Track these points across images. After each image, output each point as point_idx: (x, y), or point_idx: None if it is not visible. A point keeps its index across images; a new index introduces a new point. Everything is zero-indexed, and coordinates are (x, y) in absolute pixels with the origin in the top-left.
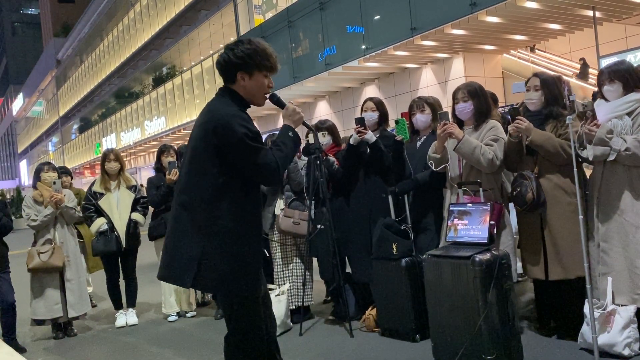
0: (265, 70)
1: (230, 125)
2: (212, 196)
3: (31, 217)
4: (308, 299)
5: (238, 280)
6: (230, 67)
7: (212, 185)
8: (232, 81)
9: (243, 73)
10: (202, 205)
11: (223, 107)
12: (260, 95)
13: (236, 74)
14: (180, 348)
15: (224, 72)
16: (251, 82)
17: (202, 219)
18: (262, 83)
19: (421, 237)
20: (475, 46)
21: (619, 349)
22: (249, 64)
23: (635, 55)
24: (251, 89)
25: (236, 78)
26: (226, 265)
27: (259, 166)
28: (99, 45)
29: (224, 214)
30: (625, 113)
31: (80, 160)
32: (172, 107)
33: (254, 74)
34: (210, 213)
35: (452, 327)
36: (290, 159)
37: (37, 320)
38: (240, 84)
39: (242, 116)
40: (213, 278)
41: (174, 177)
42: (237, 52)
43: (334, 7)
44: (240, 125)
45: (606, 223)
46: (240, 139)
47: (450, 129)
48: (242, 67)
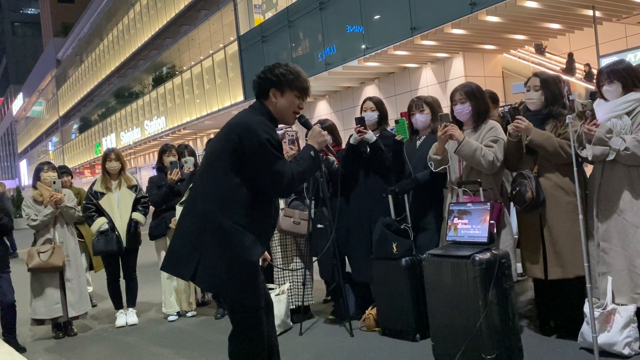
0: (297, 90)
1: (254, 129)
2: (226, 197)
3: (31, 216)
4: (308, 299)
5: (233, 285)
6: (265, 84)
7: (228, 186)
8: (264, 97)
9: (275, 90)
10: (214, 205)
11: (250, 116)
12: (290, 114)
13: (269, 90)
14: (181, 348)
15: (259, 88)
16: (282, 100)
17: (210, 218)
18: (292, 102)
19: (421, 237)
20: (475, 46)
21: (619, 348)
22: (282, 82)
23: (635, 54)
24: (281, 107)
25: (269, 95)
26: (223, 267)
27: (275, 174)
28: (99, 45)
29: (231, 215)
30: (624, 112)
31: (80, 160)
32: (172, 107)
33: (286, 92)
34: (220, 213)
35: (452, 326)
36: (308, 176)
37: (37, 319)
38: (272, 100)
39: (267, 124)
40: (210, 276)
41: (176, 176)
42: (274, 72)
43: (334, 6)
44: (264, 132)
45: (606, 222)
46: (262, 143)
47: (451, 131)
48: (276, 84)
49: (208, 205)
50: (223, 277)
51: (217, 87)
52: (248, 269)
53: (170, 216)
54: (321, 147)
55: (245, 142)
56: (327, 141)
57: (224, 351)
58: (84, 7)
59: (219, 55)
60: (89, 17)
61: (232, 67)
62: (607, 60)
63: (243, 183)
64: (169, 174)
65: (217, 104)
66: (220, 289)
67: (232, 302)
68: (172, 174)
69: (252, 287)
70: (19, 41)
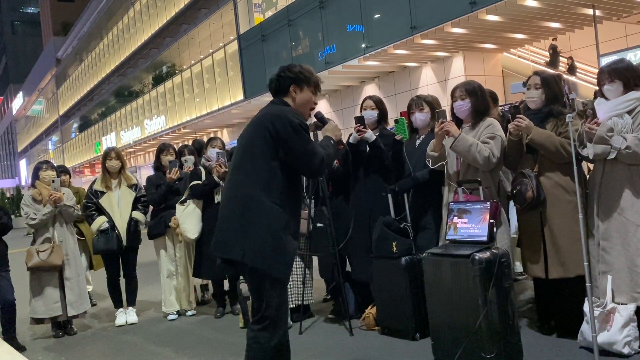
0: (312, 87)
1: (286, 117)
2: (265, 179)
3: (30, 215)
4: (308, 298)
5: (277, 260)
6: (285, 81)
7: (263, 168)
8: (284, 94)
9: (295, 86)
10: (255, 186)
11: (278, 107)
12: (307, 109)
13: (289, 86)
14: (180, 346)
15: (279, 85)
16: (301, 95)
17: (254, 198)
18: (309, 98)
19: (421, 236)
20: (475, 45)
21: (619, 348)
22: (301, 79)
23: (635, 53)
24: (300, 102)
25: (289, 90)
26: (269, 242)
27: (307, 153)
28: (99, 44)
29: (271, 194)
30: (625, 111)
31: (80, 159)
32: (172, 106)
33: (304, 88)
34: (261, 193)
35: (451, 325)
36: (332, 161)
37: (36, 318)
38: (292, 96)
39: (295, 112)
40: (258, 254)
41: (175, 176)
42: (292, 70)
43: (334, 5)
44: (295, 117)
45: (606, 221)
46: (295, 127)
47: (447, 127)
48: (296, 81)
49: (249, 190)
50: (269, 253)
51: (217, 86)
52: (288, 245)
53: (169, 215)
54: (337, 139)
55: (279, 128)
56: (341, 135)
57: (224, 350)
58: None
59: (218, 54)
60: (89, 16)
61: (232, 66)
62: (608, 59)
63: (278, 167)
64: (168, 173)
65: (217, 103)
66: (262, 264)
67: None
68: (171, 173)
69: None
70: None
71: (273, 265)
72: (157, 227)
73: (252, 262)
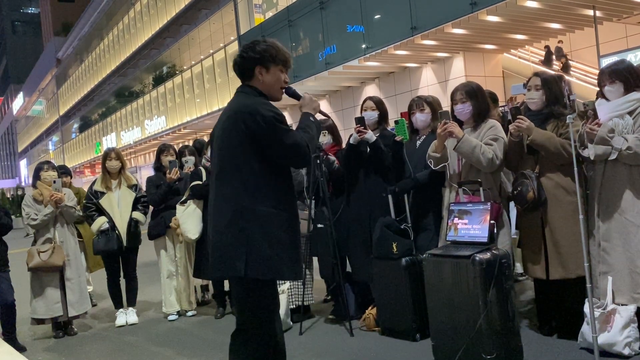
0: (281, 64)
1: (258, 111)
2: (250, 184)
3: (31, 216)
4: (308, 298)
5: (283, 264)
6: (249, 63)
7: (248, 173)
8: (250, 77)
9: (261, 67)
10: (242, 194)
11: (246, 99)
12: (277, 89)
13: (254, 68)
14: (181, 347)
15: (243, 68)
16: (269, 76)
17: (243, 207)
18: (278, 77)
19: (421, 237)
20: (476, 45)
21: (619, 349)
22: (266, 57)
23: (635, 54)
24: (269, 83)
25: (254, 73)
26: (271, 250)
27: (290, 147)
28: (99, 45)
29: (264, 200)
30: (626, 112)
31: (80, 159)
32: (172, 107)
33: (271, 68)
34: (250, 200)
35: (452, 326)
36: (315, 142)
37: (37, 319)
38: (259, 79)
39: (267, 102)
40: (260, 264)
41: (175, 176)
42: (255, 49)
43: (334, 6)
44: (267, 110)
45: (607, 222)
46: (270, 122)
47: (451, 128)
48: (260, 61)
49: (240, 201)
50: (272, 259)
51: (217, 86)
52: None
53: (169, 215)
54: (316, 112)
55: (254, 127)
56: (320, 105)
57: (224, 350)
58: (84, 6)
59: (219, 54)
60: (89, 16)
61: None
62: (608, 60)
63: (265, 168)
64: (168, 173)
65: (218, 103)
66: (269, 272)
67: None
68: (171, 173)
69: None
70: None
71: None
72: (157, 227)
73: (258, 272)
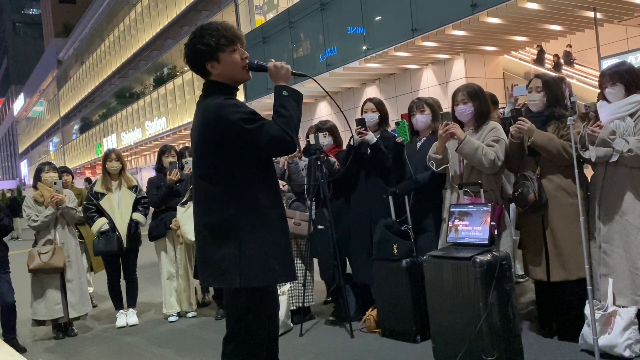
0: (229, 46)
1: (223, 116)
2: (231, 191)
3: (32, 217)
4: (309, 300)
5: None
6: (197, 62)
7: (227, 180)
8: (207, 74)
9: (211, 61)
10: (224, 202)
11: (210, 103)
12: (239, 72)
13: (205, 65)
14: (181, 348)
15: (195, 69)
16: (222, 66)
17: (227, 216)
18: (233, 60)
19: (422, 238)
20: (476, 47)
21: (620, 351)
22: (213, 48)
23: (636, 56)
24: (227, 72)
25: (207, 69)
26: (261, 256)
27: (267, 144)
28: (100, 46)
29: (247, 205)
30: (627, 114)
31: (81, 160)
32: (173, 108)
33: (220, 56)
34: (233, 208)
35: (452, 328)
36: (297, 117)
37: (37, 320)
38: (215, 73)
39: (230, 103)
40: (254, 271)
41: (175, 177)
42: (200, 43)
43: (335, 8)
44: (233, 113)
45: (608, 224)
46: (238, 127)
47: (452, 130)
48: (207, 55)
49: (225, 209)
50: (267, 265)
51: None
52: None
53: (169, 217)
54: (288, 79)
55: (223, 133)
56: (290, 69)
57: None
58: (85, 8)
59: None
60: (90, 17)
61: None
62: (608, 62)
63: (242, 170)
64: (168, 175)
65: None
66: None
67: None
68: (171, 175)
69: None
70: (20, 41)
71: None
72: (158, 228)
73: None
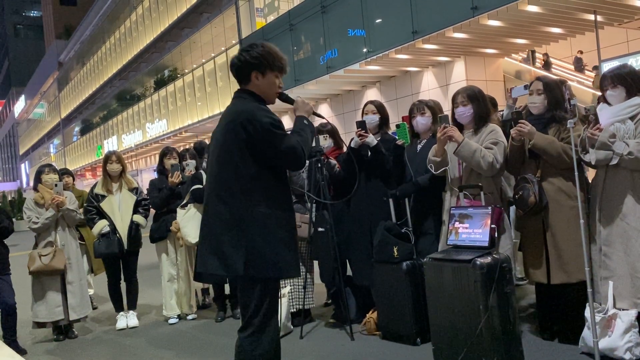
0: (276, 70)
1: (256, 117)
2: (248, 187)
3: (32, 219)
4: (309, 302)
5: (283, 263)
6: (246, 67)
7: (246, 176)
8: (246, 81)
9: (257, 72)
10: (240, 197)
11: (245, 104)
12: (272, 94)
13: (250, 73)
14: (181, 350)
15: (240, 73)
16: (264, 81)
17: (241, 209)
18: (273, 82)
19: (422, 241)
20: (477, 50)
21: (620, 353)
22: (262, 63)
23: (636, 59)
24: (264, 87)
25: (250, 78)
26: (270, 249)
27: (285, 151)
28: (101, 48)
29: (261, 202)
30: (628, 117)
31: (81, 162)
32: (173, 110)
33: (267, 73)
34: (248, 202)
35: (453, 330)
36: (310, 143)
37: (38, 322)
38: (255, 83)
39: (264, 108)
40: (261, 263)
41: (177, 179)
42: (252, 53)
43: (336, 10)
44: (265, 116)
45: (608, 227)
46: (267, 129)
47: (450, 132)
48: (257, 66)
49: (237, 202)
50: (271, 259)
51: (218, 89)
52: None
53: (170, 219)
54: (309, 115)
55: (251, 131)
56: (312, 108)
57: (224, 354)
58: (87, 10)
59: (220, 58)
60: (92, 19)
61: None
62: (609, 64)
63: (261, 170)
64: (170, 177)
65: (219, 107)
66: (269, 272)
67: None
68: (173, 177)
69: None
70: (21, 43)
71: (278, 269)
72: (159, 230)
73: (258, 271)
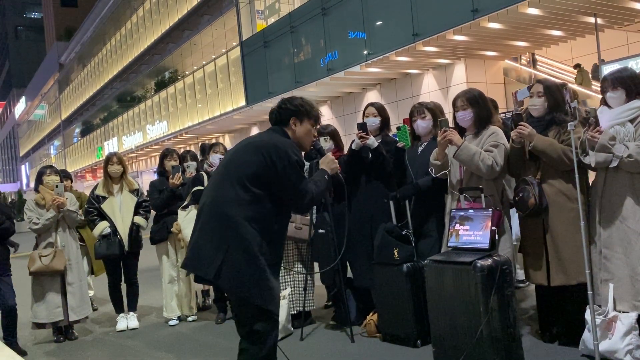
0: (312, 119)
1: (285, 150)
2: (249, 204)
3: (33, 220)
4: (309, 304)
5: (256, 288)
6: (286, 113)
7: (251, 197)
8: (285, 125)
9: (295, 119)
10: (237, 209)
11: (280, 137)
12: (307, 140)
13: (290, 119)
14: (181, 352)
15: (280, 117)
16: (301, 128)
17: (235, 221)
18: (309, 130)
19: (422, 243)
20: (477, 52)
21: (621, 356)
22: (301, 111)
23: (636, 62)
24: (300, 134)
25: (289, 123)
26: (246, 269)
27: (299, 191)
28: (102, 49)
29: (255, 223)
30: (627, 120)
31: (82, 163)
32: (174, 111)
33: (304, 121)
34: (243, 217)
35: (453, 332)
36: (322, 197)
37: (38, 323)
38: (292, 128)
39: (295, 146)
40: (233, 278)
41: (178, 181)
42: (293, 103)
43: (336, 12)
44: (294, 153)
45: (608, 229)
46: (292, 164)
47: (450, 136)
48: (296, 113)
49: (233, 211)
50: (246, 279)
51: (219, 91)
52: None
53: (171, 220)
54: (332, 172)
55: (276, 160)
56: (337, 168)
57: (225, 356)
58: (88, 12)
59: (221, 60)
60: (92, 21)
61: (234, 72)
62: (609, 67)
63: (267, 196)
64: (170, 178)
65: (219, 108)
66: (243, 290)
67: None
68: (174, 178)
69: (273, 293)
70: (22, 45)
71: (250, 292)
72: (160, 232)
73: (227, 284)
